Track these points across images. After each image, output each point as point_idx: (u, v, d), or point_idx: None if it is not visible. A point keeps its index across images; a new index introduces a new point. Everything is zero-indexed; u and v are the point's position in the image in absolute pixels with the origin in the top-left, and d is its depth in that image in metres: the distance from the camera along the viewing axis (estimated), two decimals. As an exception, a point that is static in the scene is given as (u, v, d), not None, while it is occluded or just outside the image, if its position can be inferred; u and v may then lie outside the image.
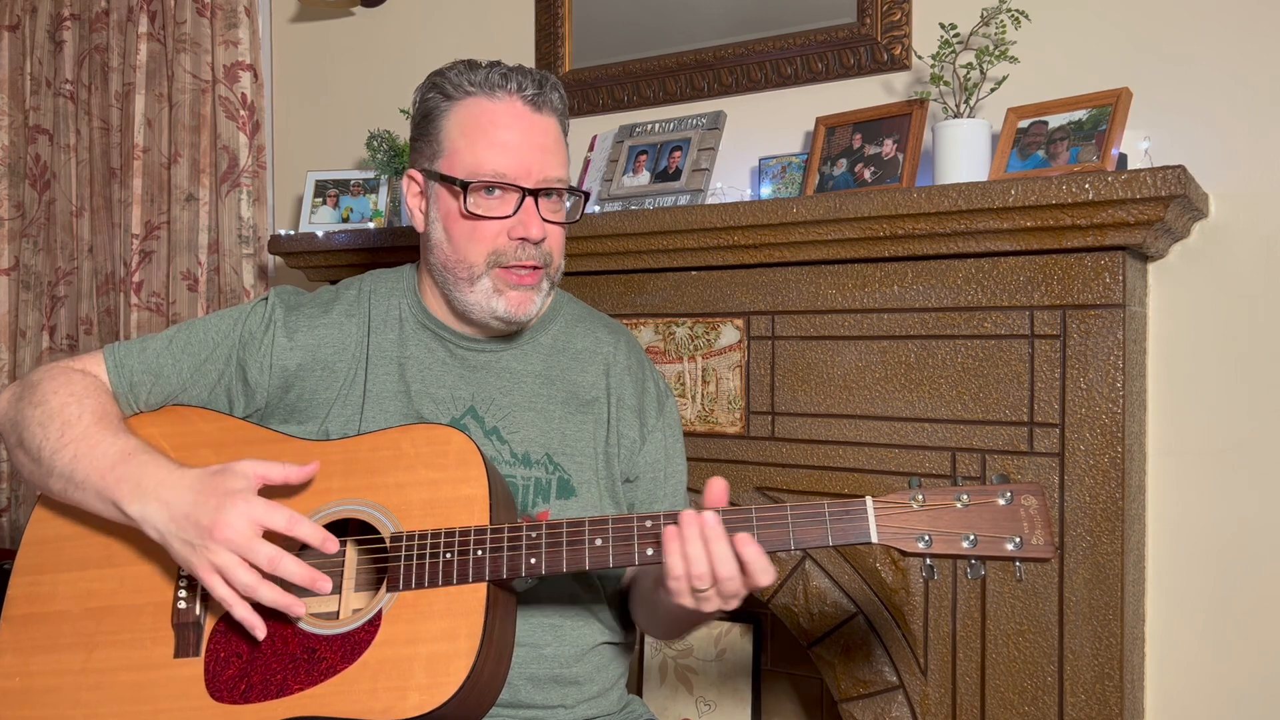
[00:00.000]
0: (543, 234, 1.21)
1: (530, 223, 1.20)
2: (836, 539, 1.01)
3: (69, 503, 1.15)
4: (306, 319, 1.28)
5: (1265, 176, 1.59)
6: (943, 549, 0.99)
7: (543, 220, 1.21)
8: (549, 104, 1.23)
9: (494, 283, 1.21)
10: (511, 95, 1.21)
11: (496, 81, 1.21)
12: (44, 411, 1.17)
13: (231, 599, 1.05)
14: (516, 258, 1.21)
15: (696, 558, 0.99)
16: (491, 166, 1.19)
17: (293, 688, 1.03)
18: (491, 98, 1.21)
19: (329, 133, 2.60)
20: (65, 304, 2.93)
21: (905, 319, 1.62)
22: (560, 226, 1.25)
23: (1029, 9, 1.67)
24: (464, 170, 1.20)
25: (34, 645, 1.11)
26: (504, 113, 1.20)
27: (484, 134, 1.20)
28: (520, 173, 1.20)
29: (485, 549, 1.05)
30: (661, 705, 2.23)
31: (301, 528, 1.04)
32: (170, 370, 1.25)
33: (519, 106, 1.21)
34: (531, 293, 1.23)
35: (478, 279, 1.21)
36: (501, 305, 1.22)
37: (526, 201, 1.20)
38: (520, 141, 1.20)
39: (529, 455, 1.25)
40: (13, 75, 2.97)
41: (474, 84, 1.21)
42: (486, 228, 1.20)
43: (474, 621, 1.03)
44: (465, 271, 1.22)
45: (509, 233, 1.20)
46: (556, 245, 1.26)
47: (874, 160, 1.71)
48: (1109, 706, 1.48)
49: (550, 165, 1.22)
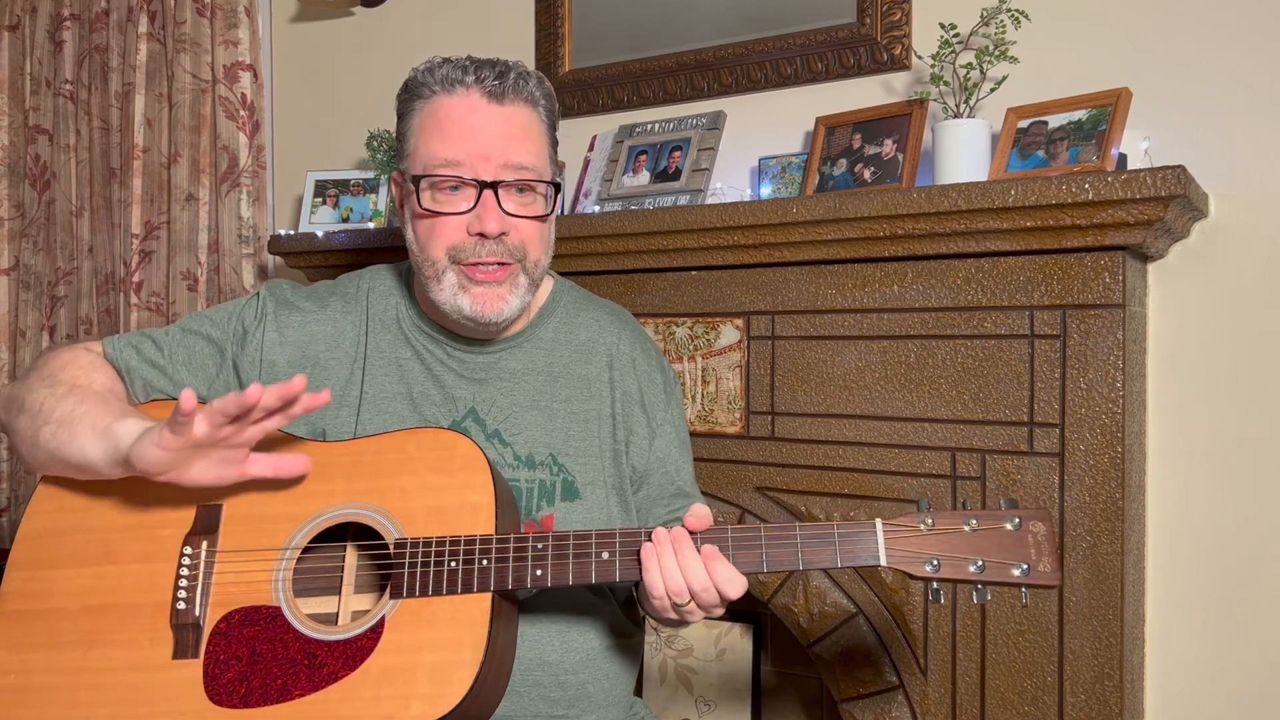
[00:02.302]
0: (501, 228, 1.16)
1: (487, 217, 1.15)
2: (845, 561, 1.02)
3: (56, 454, 1.11)
4: (299, 314, 1.27)
5: (1265, 176, 1.59)
6: (951, 574, 1.00)
7: (505, 214, 1.16)
8: (514, 91, 1.18)
9: (457, 278, 1.18)
10: (469, 89, 1.17)
11: (456, 77, 1.17)
12: (51, 377, 1.17)
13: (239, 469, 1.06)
14: (476, 254, 1.17)
15: (672, 574, 1.02)
16: (442, 156, 1.15)
17: (293, 693, 1.02)
18: (450, 94, 1.17)
19: (329, 133, 2.60)
20: (65, 304, 2.93)
21: (905, 319, 1.62)
22: (534, 221, 1.19)
23: (1029, 9, 1.67)
24: (420, 166, 1.18)
25: (30, 642, 1.10)
26: (459, 105, 1.17)
27: (438, 127, 1.17)
28: (475, 161, 1.15)
29: (491, 559, 1.04)
30: (661, 705, 2.23)
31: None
32: (167, 365, 1.24)
33: (476, 98, 1.17)
34: (500, 289, 1.18)
35: (442, 275, 1.18)
36: (466, 303, 1.18)
37: (485, 195, 1.15)
38: (474, 130, 1.16)
39: (532, 457, 1.23)
40: (13, 75, 2.97)
41: (436, 81, 1.18)
42: (444, 224, 1.17)
43: (478, 631, 1.02)
44: (430, 269, 1.19)
45: (468, 228, 1.17)
46: (531, 238, 1.19)
47: (874, 160, 1.71)
48: (1109, 706, 1.48)
49: (513, 153, 1.16)
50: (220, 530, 1.11)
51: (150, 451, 1.02)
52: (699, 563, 1.02)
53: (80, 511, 1.15)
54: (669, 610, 1.06)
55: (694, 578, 1.02)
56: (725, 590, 1.02)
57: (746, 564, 1.03)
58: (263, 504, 1.11)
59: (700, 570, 1.02)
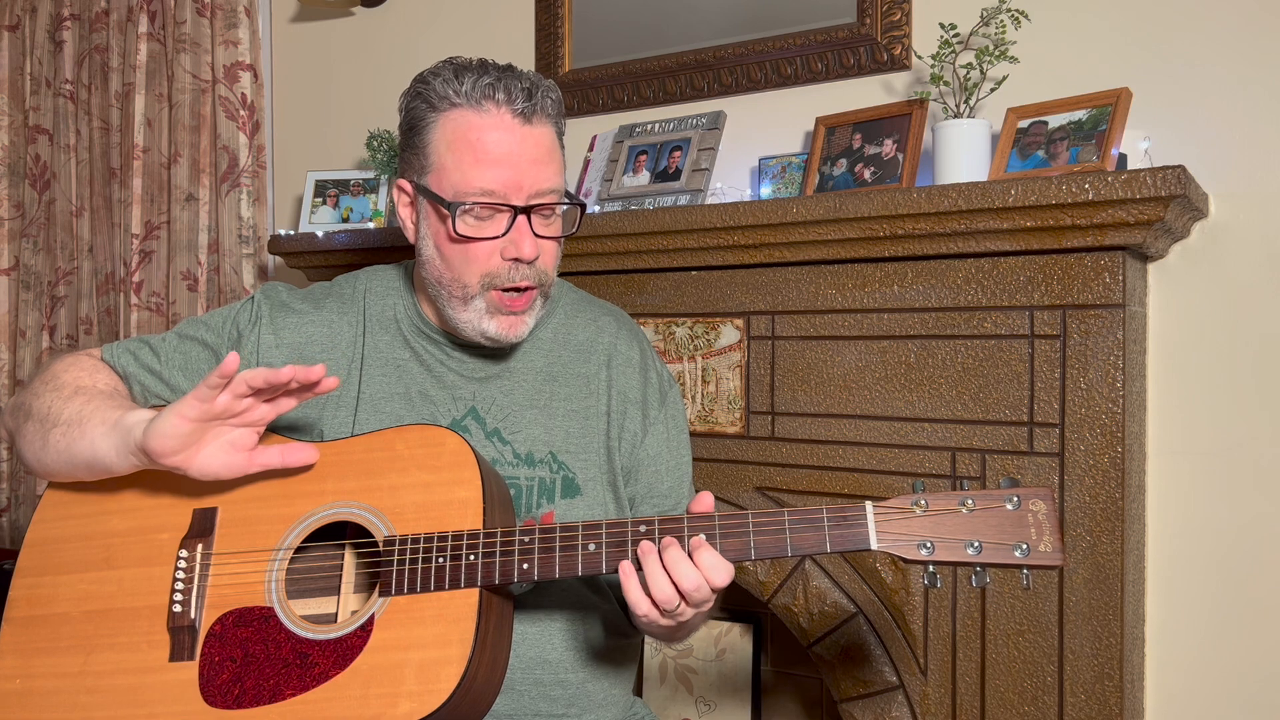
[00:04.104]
0: (536, 253, 1.16)
1: (522, 242, 1.15)
2: (835, 545, 0.98)
3: (66, 453, 1.12)
4: (295, 316, 1.27)
5: (1265, 176, 1.59)
6: (945, 556, 0.95)
7: (536, 237, 1.16)
8: (541, 111, 1.16)
9: (488, 305, 1.17)
10: (500, 107, 1.14)
11: (484, 92, 1.14)
12: (55, 380, 1.18)
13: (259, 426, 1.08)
14: (510, 279, 1.16)
15: (660, 583, 0.98)
16: (479, 185, 1.13)
17: (285, 693, 1.02)
18: (479, 111, 1.14)
19: (329, 133, 2.60)
20: (65, 304, 2.93)
21: (905, 319, 1.62)
22: (555, 241, 1.20)
23: (1029, 9, 1.66)
24: (451, 190, 1.15)
25: (35, 648, 1.11)
26: (492, 127, 1.14)
27: (471, 151, 1.14)
28: (510, 190, 1.14)
29: (478, 554, 1.04)
30: (661, 705, 2.23)
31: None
32: (163, 370, 1.24)
33: (508, 119, 1.14)
34: (524, 315, 1.19)
35: (472, 299, 1.18)
36: (493, 327, 1.18)
37: (519, 220, 1.15)
38: (510, 157, 1.14)
39: (532, 455, 1.23)
40: (13, 75, 2.97)
41: (460, 94, 1.15)
42: (478, 249, 1.16)
43: (466, 628, 1.02)
44: (460, 291, 1.18)
45: (501, 253, 1.16)
46: (550, 261, 1.20)
47: (874, 160, 1.71)
48: (1109, 706, 1.48)
49: (543, 178, 1.16)
50: (215, 533, 1.11)
51: (169, 423, 1.03)
52: (687, 562, 0.98)
53: (84, 518, 1.16)
54: (656, 623, 1.02)
55: (684, 578, 0.98)
56: (711, 577, 0.98)
57: (734, 551, 1.00)
58: (256, 506, 1.12)
59: (690, 570, 0.98)
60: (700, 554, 0.98)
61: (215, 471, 1.07)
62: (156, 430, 1.04)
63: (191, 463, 1.06)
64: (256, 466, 1.09)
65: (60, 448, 1.12)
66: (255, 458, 1.08)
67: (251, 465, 1.08)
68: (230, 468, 1.07)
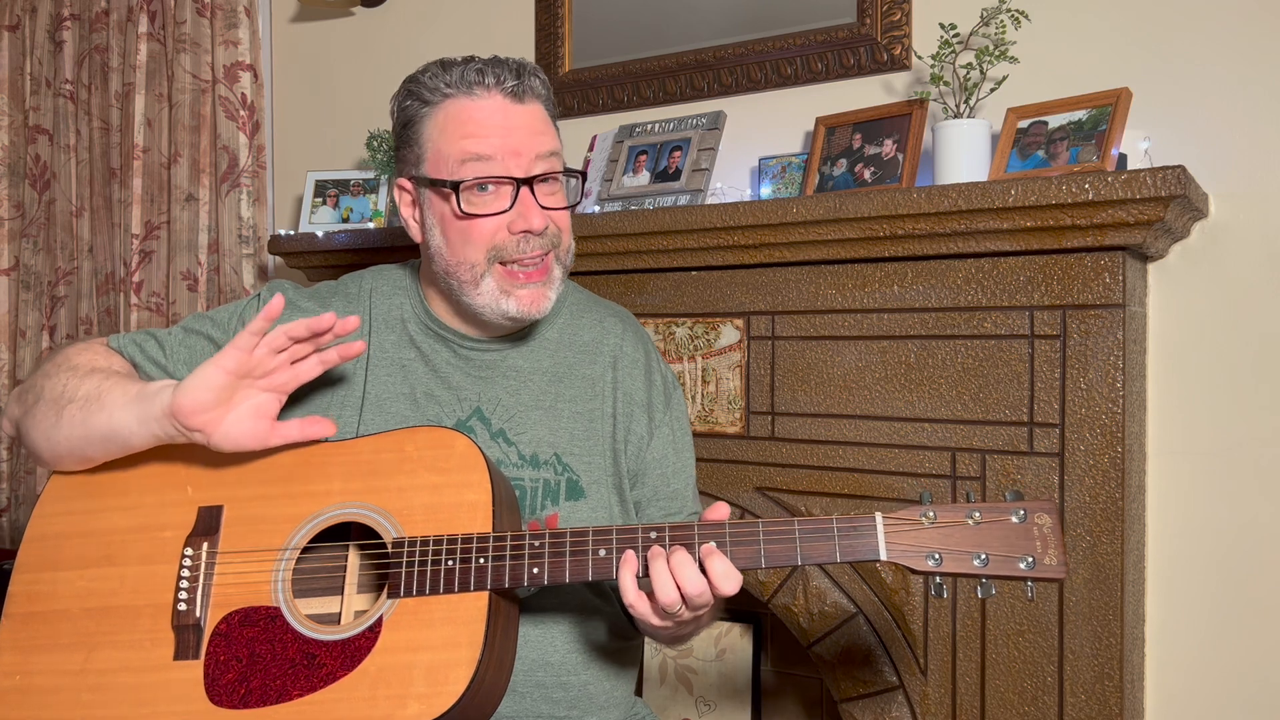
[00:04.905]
0: (545, 223, 1.16)
1: (530, 214, 1.15)
2: (845, 555, 0.99)
3: (81, 428, 1.12)
4: (300, 314, 1.26)
5: (1265, 176, 1.59)
6: (953, 568, 0.97)
7: (542, 208, 1.17)
8: (531, 91, 1.17)
9: (499, 283, 1.17)
10: (491, 90, 1.16)
11: (473, 79, 1.15)
12: (68, 363, 1.18)
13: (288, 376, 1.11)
14: (520, 251, 1.16)
15: (664, 584, 0.99)
16: (474, 151, 1.14)
17: (292, 693, 1.02)
18: (470, 96, 1.16)
19: (329, 133, 2.60)
20: (65, 304, 2.93)
21: (905, 319, 1.62)
22: (564, 210, 1.21)
23: (1029, 9, 1.67)
24: (450, 168, 1.15)
25: (34, 644, 1.11)
26: (482, 107, 1.16)
27: (463, 127, 1.15)
28: (509, 156, 1.15)
29: (488, 557, 1.04)
30: (661, 705, 2.23)
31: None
32: (168, 364, 1.24)
33: (499, 100, 1.16)
34: (543, 288, 1.19)
35: (481, 278, 1.17)
36: (512, 306, 1.18)
37: (522, 192, 1.15)
38: (505, 127, 1.15)
39: (537, 456, 1.23)
40: (13, 75, 2.97)
41: (450, 84, 1.16)
42: (484, 225, 1.16)
43: (475, 630, 1.02)
44: (468, 273, 1.17)
45: (509, 227, 1.16)
46: (564, 226, 1.21)
47: (874, 160, 1.71)
48: (1109, 706, 1.48)
49: (541, 144, 1.16)
50: (221, 531, 1.11)
51: (206, 373, 1.06)
52: (693, 566, 0.98)
53: (85, 514, 1.16)
54: (653, 627, 1.03)
55: (687, 582, 0.98)
56: (721, 585, 0.98)
57: (745, 559, 1.01)
58: (262, 505, 1.12)
59: (694, 575, 0.98)
60: (711, 561, 0.99)
61: (237, 439, 1.08)
62: (190, 384, 1.05)
63: (216, 427, 1.07)
64: (277, 438, 1.10)
65: (75, 422, 1.12)
66: (277, 429, 1.10)
67: (273, 436, 1.09)
68: (255, 435, 1.08)
